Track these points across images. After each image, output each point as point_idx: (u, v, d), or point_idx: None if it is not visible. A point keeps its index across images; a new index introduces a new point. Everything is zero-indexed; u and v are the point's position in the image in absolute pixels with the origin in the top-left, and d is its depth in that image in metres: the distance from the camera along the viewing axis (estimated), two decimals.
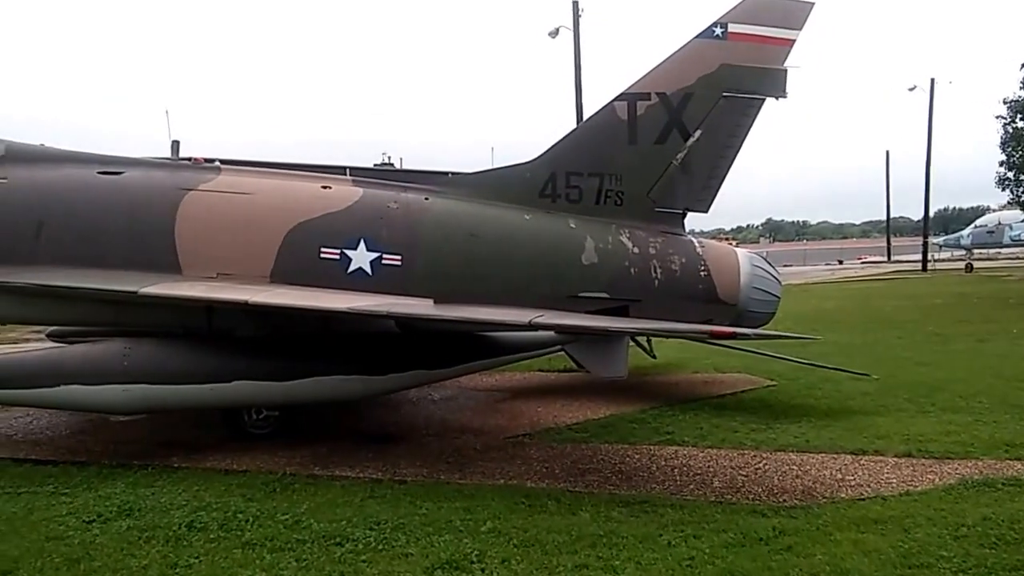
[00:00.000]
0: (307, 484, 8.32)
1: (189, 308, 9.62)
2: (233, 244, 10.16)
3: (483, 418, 11.59)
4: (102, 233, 9.99)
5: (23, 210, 9.93)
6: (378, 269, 10.36)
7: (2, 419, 11.64)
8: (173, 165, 11.21)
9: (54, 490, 8.04)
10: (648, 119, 11.43)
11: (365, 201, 10.83)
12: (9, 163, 10.26)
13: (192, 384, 9.15)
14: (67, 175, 10.37)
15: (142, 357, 9.07)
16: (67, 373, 8.83)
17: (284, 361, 9.57)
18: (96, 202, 10.17)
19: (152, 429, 10.77)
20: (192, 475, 8.63)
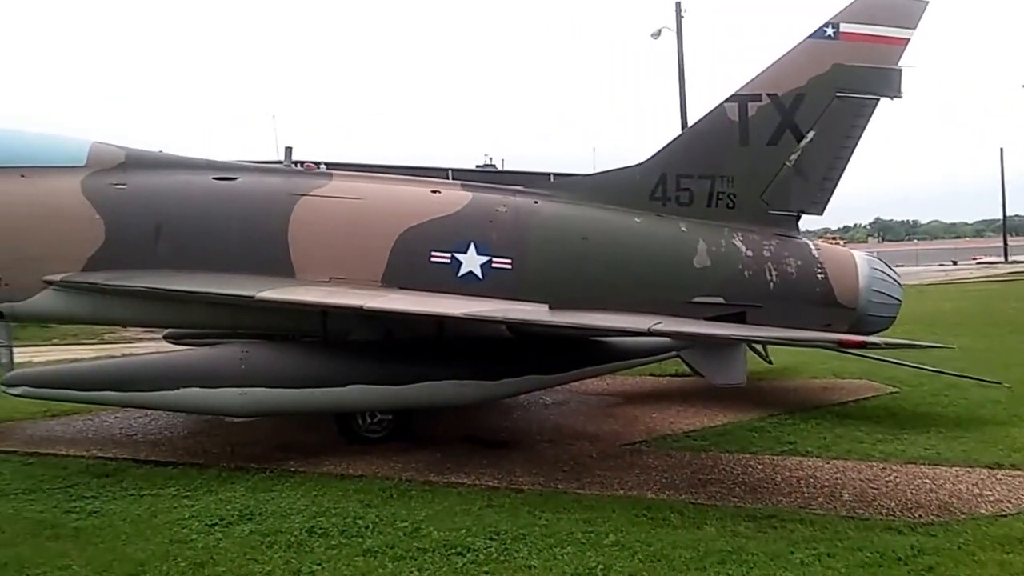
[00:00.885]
0: (424, 491, 8.26)
1: (304, 312, 9.72)
2: (345, 248, 10.25)
3: (597, 424, 11.37)
4: (217, 237, 10.20)
5: (142, 215, 10.21)
6: (488, 273, 10.29)
7: (122, 420, 12.01)
8: (286, 171, 11.41)
9: (176, 492, 8.20)
10: (760, 120, 11.12)
11: (474, 205, 10.80)
12: (129, 169, 10.58)
13: (307, 388, 9.22)
14: (184, 181, 10.65)
15: (259, 361, 9.20)
16: (187, 376, 9.01)
17: (398, 365, 9.56)
18: (212, 207, 10.41)
19: (267, 432, 10.93)
20: (309, 480, 8.68)
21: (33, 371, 9.87)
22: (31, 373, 9.65)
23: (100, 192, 10.19)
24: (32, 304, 9.98)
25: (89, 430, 11.47)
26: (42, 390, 9.20)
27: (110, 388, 9.01)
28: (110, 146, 10.82)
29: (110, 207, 10.12)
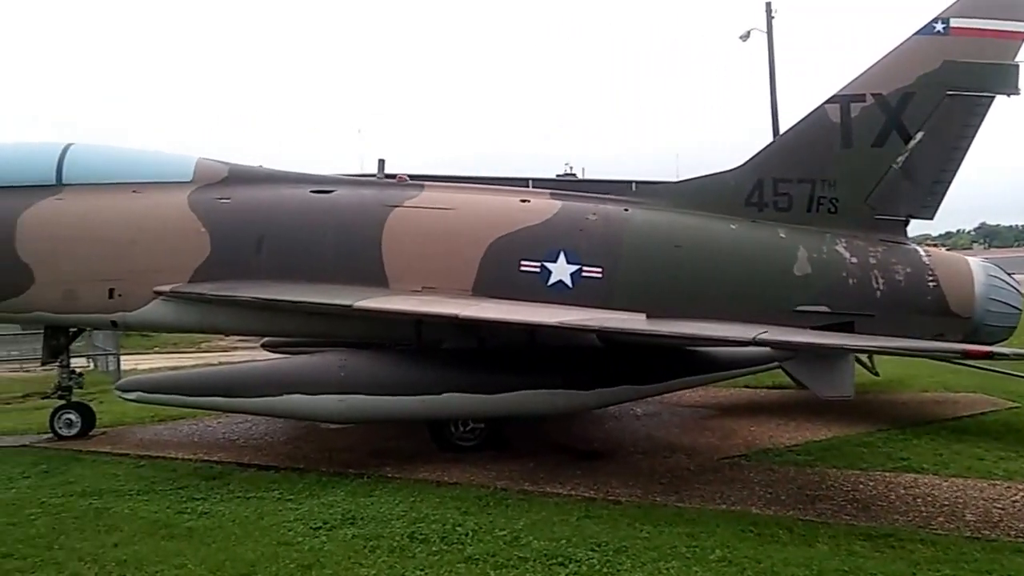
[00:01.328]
0: (520, 500, 8.28)
1: (398, 321, 9.88)
2: (437, 258, 10.44)
3: (693, 436, 11.20)
4: (315, 248, 10.52)
5: (245, 228, 10.61)
6: (578, 281, 10.30)
7: (224, 425, 12.41)
8: (380, 183, 11.65)
9: (280, 496, 8.41)
10: (863, 121, 10.79)
11: (564, 213, 10.83)
12: (232, 184, 11.00)
13: (404, 396, 9.37)
14: (283, 194, 11.01)
15: (358, 369, 9.39)
16: (290, 383, 9.26)
17: (492, 374, 9.62)
18: (310, 219, 10.73)
19: (361, 438, 11.13)
20: (406, 486, 8.79)
21: (146, 378, 10.31)
22: (144, 379, 10.09)
23: (205, 206, 10.65)
24: (143, 314, 10.47)
25: (195, 434, 11.90)
26: (155, 395, 9.61)
27: (218, 394, 9.35)
28: (215, 162, 11.28)
29: (215, 220, 10.56)
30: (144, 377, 10.34)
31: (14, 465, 9.89)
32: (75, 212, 10.57)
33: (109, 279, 10.43)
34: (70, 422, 11.46)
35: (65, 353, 11.63)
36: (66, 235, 10.47)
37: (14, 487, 8.96)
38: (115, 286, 10.43)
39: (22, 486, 9.00)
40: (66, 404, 11.59)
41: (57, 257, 10.43)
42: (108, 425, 12.36)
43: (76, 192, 10.69)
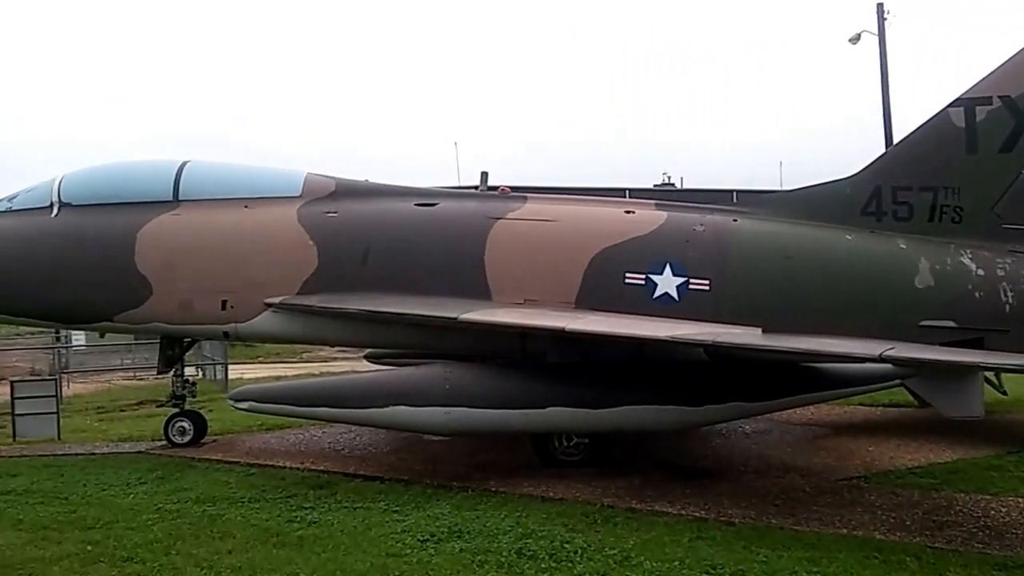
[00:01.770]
0: (628, 518, 8.15)
1: (501, 333, 9.89)
2: (540, 270, 10.46)
3: (807, 456, 10.87)
4: (420, 261, 10.67)
5: (351, 241, 10.84)
6: (685, 294, 10.15)
7: (329, 435, 12.65)
8: (483, 195, 11.73)
9: (386, 507, 8.50)
10: (990, 125, 10.27)
11: (670, 224, 10.69)
12: (339, 198, 11.26)
13: (508, 409, 9.36)
14: (388, 207, 11.21)
15: (462, 381, 9.43)
16: (395, 395, 9.38)
17: (597, 389, 9.53)
18: (415, 232, 10.88)
19: (463, 451, 11.19)
20: (511, 500, 8.77)
21: (257, 388, 10.59)
22: (255, 390, 10.37)
23: (314, 220, 10.93)
24: (253, 325, 10.80)
25: (301, 443, 12.19)
26: (265, 405, 9.90)
27: (326, 404, 9.55)
28: (322, 176, 11.57)
29: (323, 234, 10.83)
30: (255, 387, 10.62)
31: (132, 471, 10.30)
32: (191, 227, 10.98)
33: (222, 291, 10.79)
34: (183, 430, 11.88)
35: (179, 363, 12.09)
36: (182, 249, 10.89)
37: (132, 492, 9.32)
38: (228, 298, 10.78)
39: (139, 492, 9.35)
40: (180, 412, 12.04)
41: (174, 270, 10.85)
42: (218, 433, 12.77)
43: (191, 208, 11.11)
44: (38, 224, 11.07)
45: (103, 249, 10.90)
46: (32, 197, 11.33)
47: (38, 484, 9.73)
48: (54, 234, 11.01)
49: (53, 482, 9.84)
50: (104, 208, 11.11)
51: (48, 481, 9.89)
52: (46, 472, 10.39)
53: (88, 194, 11.23)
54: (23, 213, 11.21)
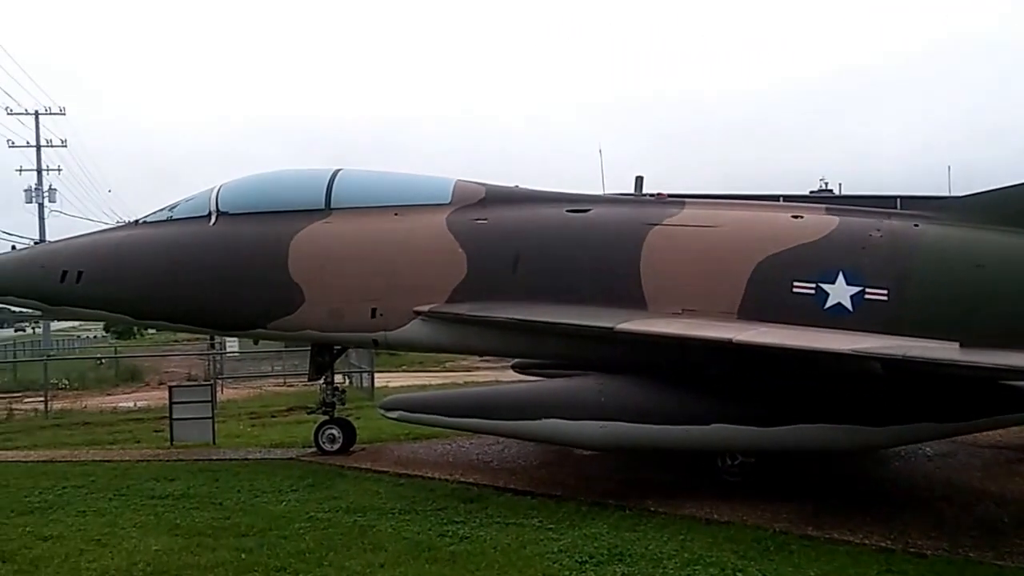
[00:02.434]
0: (804, 546, 7.57)
1: (660, 345, 9.46)
2: (699, 279, 10.04)
3: (1001, 482, 9.93)
4: (571, 269, 10.42)
5: (501, 248, 10.71)
6: (860, 305, 9.55)
7: (477, 446, 12.53)
8: (637, 201, 11.36)
9: (539, 524, 8.22)
10: None
11: (842, 230, 10.10)
12: (489, 205, 11.14)
13: (669, 424, 8.92)
14: (539, 214, 11.03)
15: (618, 394, 9.06)
16: (549, 407, 9.09)
17: (765, 405, 8.95)
18: (566, 239, 10.65)
19: (615, 467, 10.81)
20: (673, 522, 8.34)
21: (407, 397, 10.57)
22: (405, 399, 10.34)
23: (463, 227, 10.86)
24: (402, 333, 10.82)
25: (448, 454, 12.11)
26: (416, 415, 9.81)
27: (477, 415, 9.36)
28: (471, 183, 11.51)
29: (472, 241, 10.74)
30: (405, 396, 10.59)
31: (283, 478, 10.45)
32: (342, 235, 11.12)
33: (372, 299, 10.84)
34: (333, 437, 12.01)
35: (329, 370, 12.25)
36: (334, 257, 11.03)
37: (284, 500, 9.42)
38: (378, 306, 10.82)
39: (291, 499, 9.45)
40: (329, 420, 12.19)
41: (326, 278, 10.99)
42: (366, 441, 12.86)
43: (343, 216, 11.25)
44: (197, 233, 11.46)
45: (258, 257, 11.17)
46: (191, 206, 11.75)
47: (194, 489, 10.02)
48: (212, 243, 11.36)
49: (208, 487, 10.11)
50: (259, 216, 11.40)
51: (204, 486, 10.17)
52: (202, 477, 10.70)
53: (244, 203, 11.55)
54: (183, 222, 11.64)
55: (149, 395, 24.32)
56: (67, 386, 25.82)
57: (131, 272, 11.43)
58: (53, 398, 21.14)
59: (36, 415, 19.71)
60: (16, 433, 16.58)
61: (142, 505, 9.35)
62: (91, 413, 19.84)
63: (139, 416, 18.66)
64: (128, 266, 11.47)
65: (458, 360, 29.35)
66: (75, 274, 11.48)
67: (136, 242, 11.64)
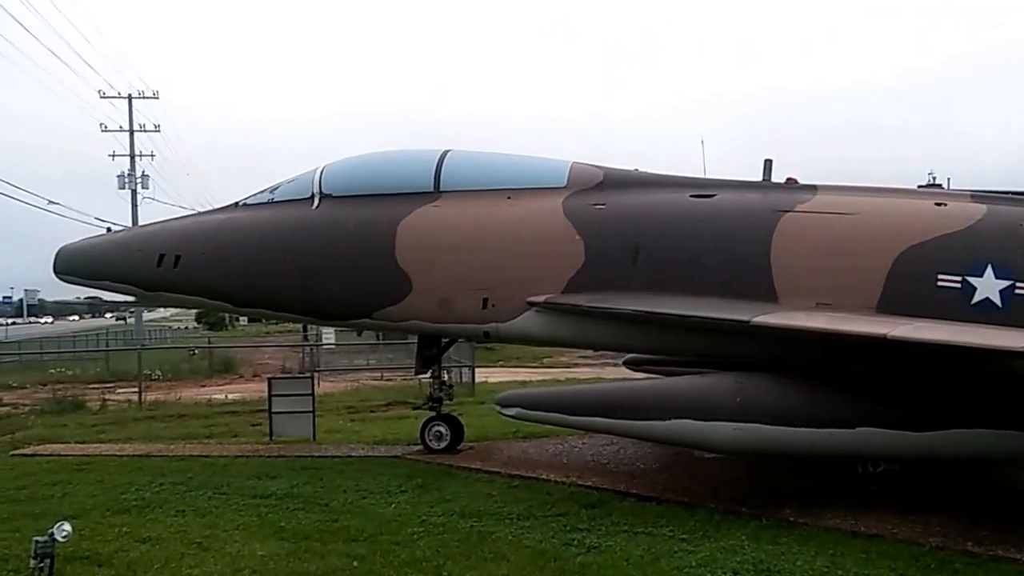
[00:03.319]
0: (969, 564, 7.07)
1: (797, 340, 8.99)
2: (835, 270, 9.60)
3: None
4: (696, 258, 10.04)
5: (621, 235, 10.36)
6: (1010, 300, 9.08)
7: (590, 446, 12.22)
8: (766, 186, 10.89)
9: (671, 534, 7.87)
10: None
11: (991, 219, 9.59)
12: (607, 189, 10.81)
13: (810, 427, 8.44)
14: (661, 199, 10.66)
15: (756, 394, 8.61)
16: (679, 407, 8.69)
17: (918, 407, 8.40)
18: (690, 227, 10.27)
19: (744, 472, 10.38)
20: (816, 534, 7.90)
21: (525, 393, 10.35)
22: (523, 395, 10.09)
23: (580, 213, 10.53)
24: (515, 325, 10.55)
25: (561, 454, 11.83)
26: (534, 412, 9.49)
27: (600, 414, 8.99)
28: (589, 166, 11.18)
29: (590, 228, 10.42)
30: (523, 392, 10.35)
31: (391, 477, 10.34)
32: (452, 220, 10.91)
33: (484, 288, 10.62)
34: (440, 435, 11.86)
35: (437, 364, 12.09)
36: (443, 243, 10.82)
37: (393, 502, 9.28)
38: (489, 296, 10.59)
39: (401, 501, 9.30)
40: (436, 416, 12.03)
41: (434, 266, 10.80)
42: (472, 439, 12.67)
43: (453, 199, 11.04)
44: (299, 216, 11.38)
45: (363, 242, 11.04)
46: (293, 188, 11.70)
47: (298, 488, 9.94)
48: (315, 227, 11.27)
49: (312, 486, 10.03)
50: (365, 200, 11.26)
51: (307, 485, 10.09)
52: (304, 475, 10.64)
53: (348, 185, 11.44)
54: (284, 205, 11.58)
55: (244, 387, 24.75)
56: (160, 377, 26.44)
57: (230, 257, 11.41)
58: (146, 389, 21.59)
59: (130, 406, 20.10)
60: (109, 425, 16.89)
61: (244, 505, 9.29)
62: (186, 405, 20.19)
63: (235, 409, 18.91)
64: (227, 251, 11.45)
65: (556, 354, 29.12)
66: (172, 258, 11.51)
67: (236, 225, 11.62)
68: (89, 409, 19.71)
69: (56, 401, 20.13)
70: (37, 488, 10.34)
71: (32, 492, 10.15)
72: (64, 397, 20.53)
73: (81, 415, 18.78)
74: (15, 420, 18.03)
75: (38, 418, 18.15)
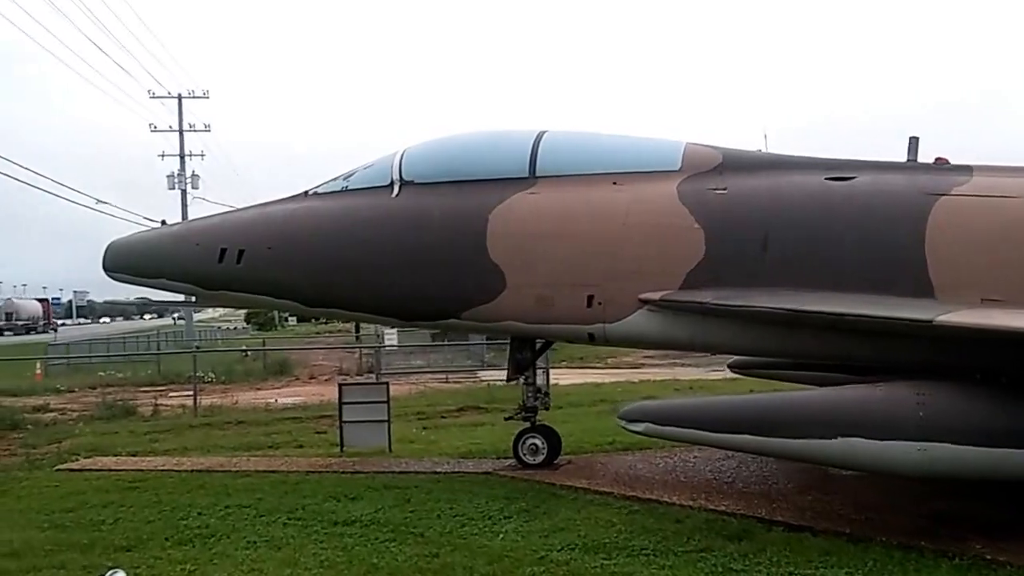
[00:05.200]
0: None
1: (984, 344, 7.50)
2: (1005, 260, 8.12)
3: None
4: (834, 249, 8.67)
5: (747, 224, 9.04)
6: None
7: (703, 460, 10.72)
8: (912, 167, 9.40)
9: None
10: None
11: None
12: (727, 172, 9.48)
13: (1013, 448, 6.92)
14: (791, 182, 9.31)
15: (943, 408, 7.03)
16: (850, 423, 7.12)
17: None
18: (827, 213, 8.89)
19: (898, 494, 8.81)
20: None
21: (656, 405, 8.91)
22: (654, 407, 8.58)
23: (698, 198, 9.22)
24: (625, 325, 9.24)
25: (675, 470, 10.34)
26: (667, 428, 7.97)
27: (751, 431, 7.44)
28: (705, 147, 9.84)
29: (710, 215, 9.10)
30: (652, 405, 8.84)
31: (487, 499, 8.98)
32: (550, 208, 9.64)
33: (588, 284, 9.31)
34: (535, 448, 10.47)
35: (531, 369, 10.75)
36: (541, 234, 9.55)
37: (499, 531, 7.90)
38: (595, 292, 9.27)
39: (508, 530, 7.92)
40: (531, 427, 10.67)
41: (531, 259, 9.52)
42: (567, 451, 11.22)
43: (551, 185, 9.77)
44: (377, 206, 10.15)
45: (450, 234, 9.79)
46: (370, 175, 10.46)
47: (383, 513, 8.63)
48: (395, 217, 10.03)
49: (400, 510, 8.71)
50: (451, 187, 10.00)
51: (394, 509, 8.78)
52: (389, 496, 9.33)
53: (432, 170, 10.19)
54: (360, 193, 10.35)
55: (301, 390, 23.64)
56: (213, 379, 25.43)
57: (300, 251, 10.23)
58: (200, 392, 20.42)
59: (184, 412, 18.93)
60: (163, 433, 15.71)
61: (325, 534, 8.00)
62: (243, 410, 18.99)
63: (295, 415, 17.69)
64: (296, 244, 10.26)
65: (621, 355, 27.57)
66: (235, 253, 10.32)
67: (306, 216, 10.41)
68: (141, 415, 18.63)
69: (106, 406, 19.01)
70: (86, 511, 9.19)
71: (80, 516, 9.00)
72: (114, 402, 19.41)
73: (132, 422, 17.68)
74: (62, 428, 16.97)
75: (87, 425, 17.09)
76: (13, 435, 16.05)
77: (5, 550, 7.75)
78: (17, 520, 8.94)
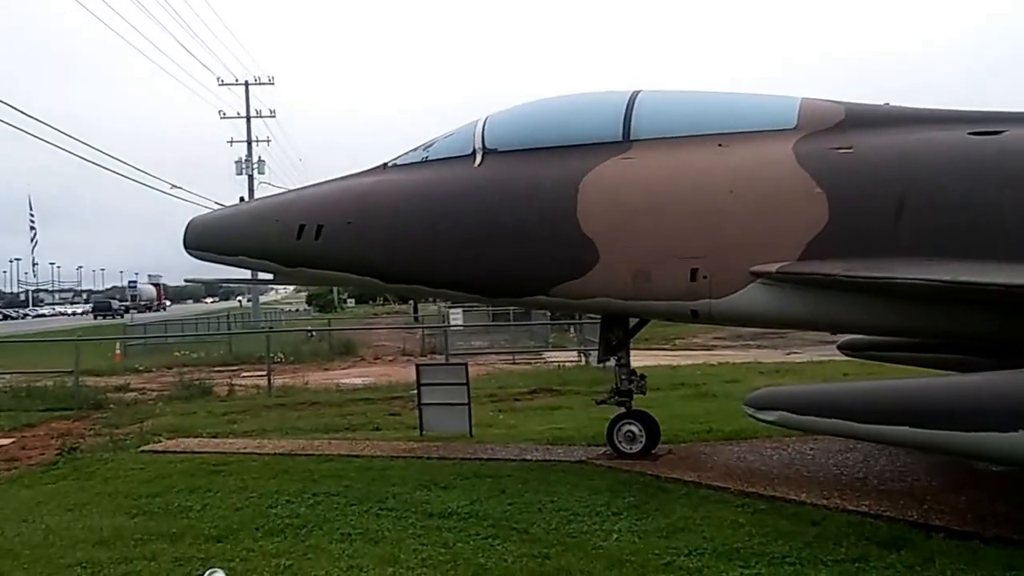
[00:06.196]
0: None
1: None
2: None
3: None
4: (983, 213, 7.26)
5: (877, 186, 7.66)
6: None
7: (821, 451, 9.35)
8: None
9: None
10: None
11: None
12: (851, 129, 8.12)
13: None
14: (928, 139, 7.90)
15: None
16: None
17: None
18: (972, 172, 7.47)
19: None
20: None
21: (790, 392, 7.56)
22: (787, 394, 7.20)
23: (819, 159, 7.89)
24: (735, 301, 7.99)
25: (791, 462, 8.91)
26: (806, 419, 6.62)
27: (907, 422, 6.08)
28: (825, 102, 8.50)
29: (833, 178, 7.78)
30: (787, 391, 7.51)
31: (589, 492, 7.83)
32: (648, 174, 8.44)
33: (691, 257, 8.09)
34: (632, 436, 9.26)
35: (625, 350, 9.55)
36: (638, 203, 8.37)
37: (612, 530, 6.74)
38: (699, 265, 8.05)
39: (621, 528, 6.76)
40: (627, 413, 9.46)
41: (627, 231, 8.33)
42: (664, 440, 9.95)
43: (648, 149, 8.55)
44: (459, 176, 9.09)
45: (537, 205, 8.67)
46: (452, 144, 9.40)
47: (480, 505, 7.56)
48: (478, 188, 8.98)
49: (498, 502, 7.63)
50: (538, 154, 8.90)
51: (491, 500, 7.71)
52: (483, 486, 8.25)
53: (518, 138, 9.08)
54: (442, 163, 9.30)
55: (368, 371, 22.71)
56: (282, 360, 24.69)
57: (380, 226, 9.25)
58: (272, 372, 19.65)
59: (258, 392, 18.11)
60: (240, 413, 14.88)
61: (422, 528, 6.99)
62: (315, 391, 18.08)
63: (367, 396, 16.65)
64: (376, 219, 9.29)
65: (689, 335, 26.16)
66: (314, 228, 9.42)
67: (386, 189, 9.41)
68: (217, 395, 17.88)
69: (183, 386, 18.43)
70: (172, 497, 8.35)
71: (167, 502, 8.16)
72: (191, 382, 18.80)
73: (209, 402, 16.93)
74: (144, 407, 16.35)
75: (166, 405, 16.48)
76: (97, 414, 15.59)
77: (95, 538, 7.06)
78: (106, 505, 8.22)
